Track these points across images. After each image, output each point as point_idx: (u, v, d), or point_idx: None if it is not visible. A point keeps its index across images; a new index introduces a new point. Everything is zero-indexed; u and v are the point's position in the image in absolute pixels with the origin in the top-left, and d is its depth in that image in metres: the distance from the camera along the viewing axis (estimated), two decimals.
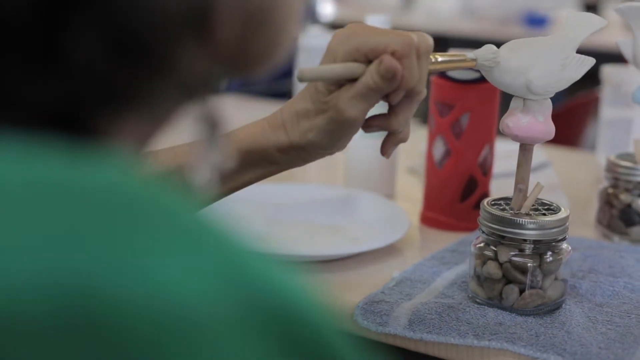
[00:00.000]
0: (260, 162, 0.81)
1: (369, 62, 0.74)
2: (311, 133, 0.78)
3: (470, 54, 0.82)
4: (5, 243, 0.27)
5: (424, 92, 0.78)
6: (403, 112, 0.78)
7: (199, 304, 0.27)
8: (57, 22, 0.32)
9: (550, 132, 0.84)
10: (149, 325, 0.27)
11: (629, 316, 0.86)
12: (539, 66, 0.81)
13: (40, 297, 0.26)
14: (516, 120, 0.83)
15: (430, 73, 0.79)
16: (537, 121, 0.83)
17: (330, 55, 0.76)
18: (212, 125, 0.40)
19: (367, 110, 0.76)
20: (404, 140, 0.81)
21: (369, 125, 0.80)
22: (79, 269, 0.27)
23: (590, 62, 0.84)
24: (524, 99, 0.83)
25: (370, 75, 0.74)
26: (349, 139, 0.79)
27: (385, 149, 0.82)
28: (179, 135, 0.41)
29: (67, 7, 0.32)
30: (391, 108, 0.78)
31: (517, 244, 0.85)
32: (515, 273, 0.85)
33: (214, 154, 0.40)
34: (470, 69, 0.84)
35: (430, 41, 0.77)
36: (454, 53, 0.82)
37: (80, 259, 0.27)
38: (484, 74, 0.84)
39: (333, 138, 0.78)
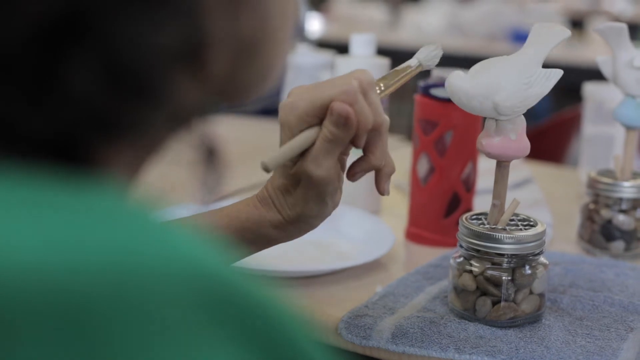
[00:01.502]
0: (255, 240, 0.80)
1: (322, 121, 0.74)
2: (298, 206, 0.78)
3: (412, 60, 0.83)
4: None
5: (387, 120, 0.77)
6: (377, 149, 0.78)
7: (160, 291, 0.30)
8: (55, 55, 0.33)
9: (522, 149, 0.85)
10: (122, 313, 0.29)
11: (608, 330, 0.88)
12: (504, 88, 0.82)
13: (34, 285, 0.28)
14: (489, 139, 0.85)
15: (382, 98, 0.79)
16: (510, 140, 0.85)
17: (285, 128, 0.75)
18: (208, 149, 0.41)
19: (334, 164, 0.75)
20: (391, 172, 0.80)
21: (353, 173, 0.79)
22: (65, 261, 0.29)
23: (558, 74, 0.85)
24: (496, 120, 0.85)
25: (326, 129, 0.73)
26: (337, 197, 0.79)
27: (380, 186, 0.81)
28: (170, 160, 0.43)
29: (64, 42, 0.33)
30: (365, 149, 0.78)
31: (492, 257, 0.87)
32: (488, 286, 0.87)
33: (211, 178, 0.42)
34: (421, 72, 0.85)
35: (370, 75, 0.76)
36: (396, 69, 0.83)
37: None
38: (453, 100, 0.85)
39: (319, 203, 0.77)
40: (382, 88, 0.80)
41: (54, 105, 0.34)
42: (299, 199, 0.77)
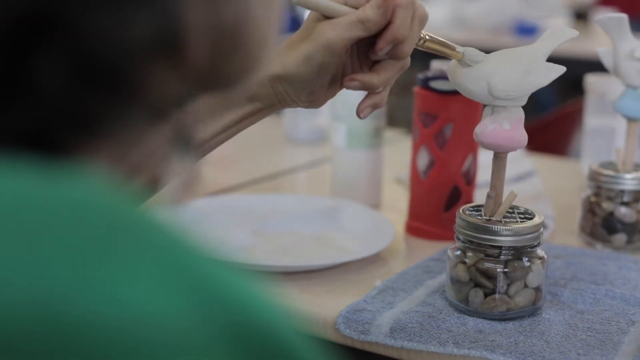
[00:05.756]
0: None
1: None
2: (291, 57, 0.78)
3: (459, 47, 0.84)
4: None
5: (409, 60, 0.78)
6: (385, 72, 0.79)
7: (168, 325, 0.28)
8: (23, 54, 0.33)
9: (516, 141, 0.85)
10: (118, 347, 0.27)
11: (609, 323, 0.87)
12: (501, 71, 0.83)
13: (7, 318, 0.26)
14: (483, 127, 0.85)
15: (417, 47, 0.80)
16: (502, 129, 0.84)
17: None
18: (185, 141, 0.40)
19: (347, 41, 0.76)
20: (380, 104, 0.81)
21: (351, 78, 0.79)
22: (45, 290, 0.27)
23: (559, 69, 0.85)
24: (492, 107, 0.85)
25: (361, 10, 0.75)
26: (325, 82, 0.79)
27: (362, 108, 0.81)
28: None
29: (32, 40, 0.33)
30: (374, 65, 0.79)
31: (485, 249, 0.86)
32: (480, 277, 0.86)
33: (185, 170, 0.41)
34: (450, 59, 0.85)
35: (427, 13, 0.78)
36: (446, 40, 0.84)
37: (46, 279, 0.27)
38: (450, 78, 0.85)
39: (311, 65, 0.77)
40: (426, 37, 0.81)
41: (25, 104, 0.33)
42: (296, 51, 0.78)
